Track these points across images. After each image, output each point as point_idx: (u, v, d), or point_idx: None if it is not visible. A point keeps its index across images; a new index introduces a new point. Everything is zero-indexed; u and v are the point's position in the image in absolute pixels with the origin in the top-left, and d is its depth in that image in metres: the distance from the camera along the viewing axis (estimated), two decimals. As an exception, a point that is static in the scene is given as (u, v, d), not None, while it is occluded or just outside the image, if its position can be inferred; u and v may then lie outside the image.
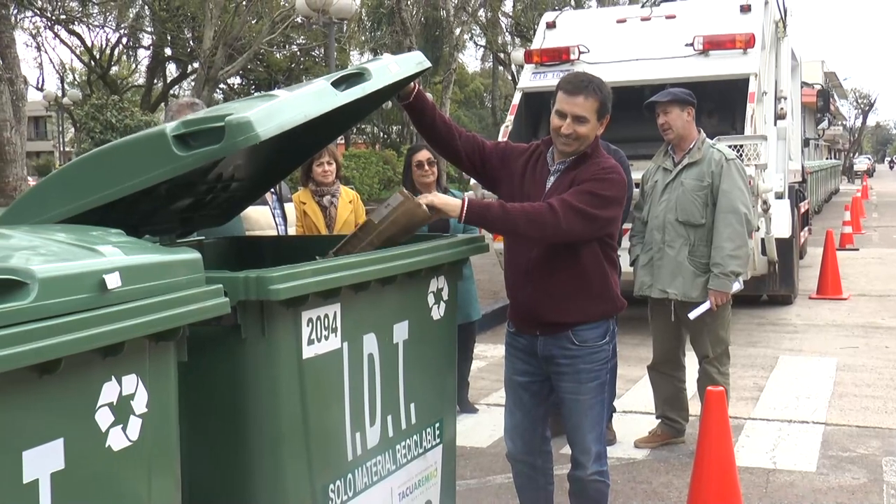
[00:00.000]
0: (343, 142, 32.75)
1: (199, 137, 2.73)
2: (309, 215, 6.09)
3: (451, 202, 3.64)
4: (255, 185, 3.98)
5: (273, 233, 5.62)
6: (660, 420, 5.93)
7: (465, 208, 3.60)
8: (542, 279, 3.80)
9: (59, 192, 2.86)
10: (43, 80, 50.54)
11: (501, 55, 41.55)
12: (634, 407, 6.73)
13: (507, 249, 3.97)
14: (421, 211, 3.58)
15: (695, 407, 5.86)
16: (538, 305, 3.83)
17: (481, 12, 38.04)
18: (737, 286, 5.46)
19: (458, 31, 35.31)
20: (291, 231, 5.87)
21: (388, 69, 3.48)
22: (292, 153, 3.94)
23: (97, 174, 2.83)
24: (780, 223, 9.70)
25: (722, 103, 9.72)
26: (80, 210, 2.79)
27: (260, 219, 5.56)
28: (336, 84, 3.17)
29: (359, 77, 3.28)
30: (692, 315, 5.45)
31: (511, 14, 41.13)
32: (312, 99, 3.06)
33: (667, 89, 5.73)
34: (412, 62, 3.66)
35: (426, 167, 6.14)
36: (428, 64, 3.75)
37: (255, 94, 3.48)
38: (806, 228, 14.80)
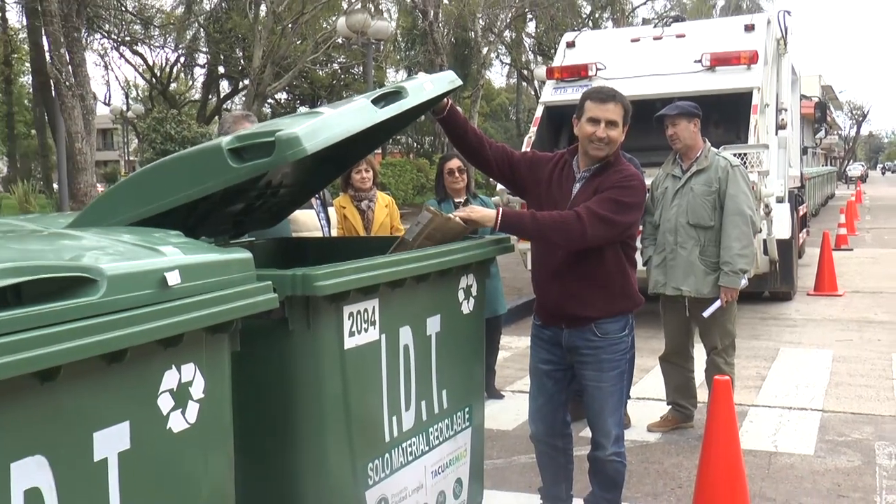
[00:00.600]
0: (380, 152, 32.81)
1: (251, 151, 2.75)
2: (349, 218, 6.11)
3: (487, 215, 3.66)
4: (301, 191, 3.99)
5: (318, 234, 5.64)
6: (671, 406, 5.89)
7: (500, 219, 3.64)
8: (569, 279, 3.80)
9: (127, 198, 2.88)
10: (110, 96, 51.27)
11: (525, 72, 41.48)
12: (647, 394, 6.69)
13: (535, 251, 3.97)
14: (453, 223, 3.61)
15: (702, 394, 5.82)
16: (565, 302, 3.84)
17: (507, 33, 38.01)
18: (743, 282, 5.44)
19: (485, 50, 35.26)
20: (333, 233, 5.89)
21: (423, 87, 3.47)
22: (335, 163, 3.94)
23: (161, 182, 2.85)
24: (781, 225, 9.62)
25: (727, 115, 9.64)
26: (146, 214, 2.82)
27: (307, 221, 5.58)
28: (375, 102, 3.17)
29: (396, 95, 3.28)
30: (706, 313, 5.45)
31: (534, 34, 41.03)
32: (354, 116, 3.06)
33: (674, 103, 5.69)
34: (445, 81, 3.66)
35: (456, 174, 6.18)
36: (459, 82, 3.74)
37: (302, 111, 3.49)
38: (804, 230, 14.66)
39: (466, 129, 3.89)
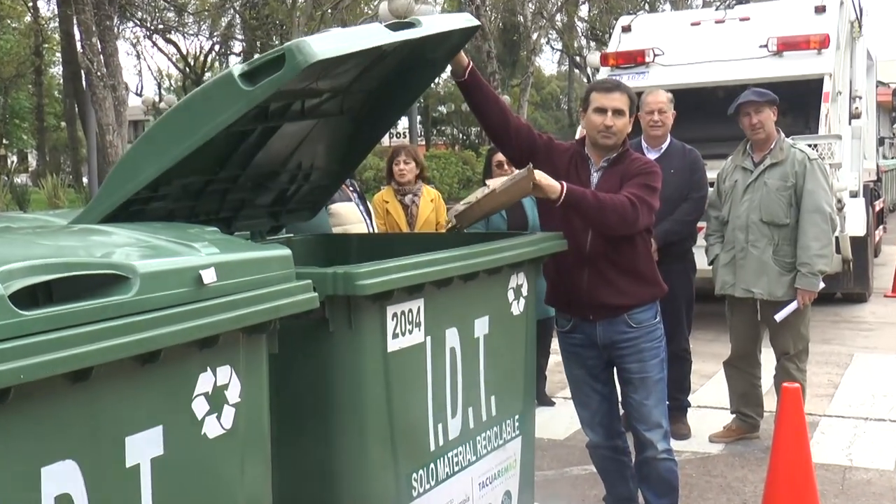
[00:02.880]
0: (424, 143, 32.88)
1: (262, 71, 2.74)
2: (391, 213, 6.14)
3: (553, 183, 3.63)
4: (334, 174, 4.01)
5: (361, 227, 5.66)
6: (735, 415, 5.83)
7: (565, 192, 3.62)
8: (603, 265, 3.87)
9: (147, 153, 2.88)
10: (142, 87, 51.63)
11: (577, 58, 41.33)
12: (709, 402, 6.62)
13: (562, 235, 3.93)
14: (529, 185, 3.61)
15: (770, 403, 5.74)
16: (595, 289, 3.89)
17: (558, 17, 37.85)
18: (820, 284, 5.38)
19: (535, 35, 35.13)
20: (377, 224, 5.94)
21: (436, 20, 3.52)
22: (363, 137, 3.94)
23: (178, 127, 2.84)
24: (855, 221, 9.49)
25: (796, 103, 9.51)
26: (168, 165, 2.81)
27: (349, 214, 5.62)
28: (389, 27, 3.20)
29: (410, 24, 3.31)
30: (779, 317, 5.38)
31: (587, 18, 40.84)
32: (366, 33, 3.09)
33: (752, 89, 5.60)
34: (461, 19, 3.69)
35: (506, 166, 6.12)
36: (476, 22, 3.76)
37: None
38: (881, 227, 14.42)
39: (489, 98, 3.90)
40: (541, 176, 3.61)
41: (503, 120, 3.93)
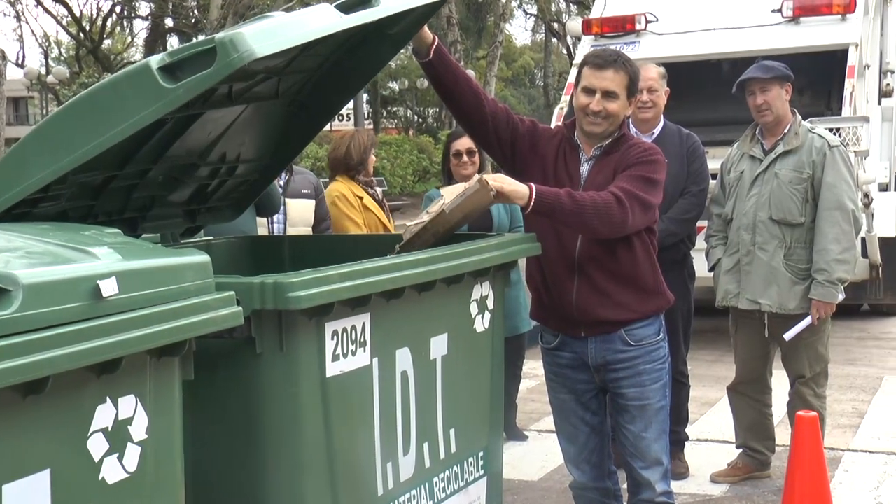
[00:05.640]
0: (371, 127, 32.85)
1: (187, 66, 2.75)
2: (371, 209, 6.12)
3: (519, 188, 3.62)
4: (266, 169, 4.00)
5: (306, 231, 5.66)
6: (741, 450, 5.88)
7: (534, 196, 3.61)
8: (596, 274, 3.88)
9: (39, 151, 2.88)
10: (24, 56, 51.09)
11: (555, 25, 41.52)
12: (710, 434, 6.69)
13: (546, 236, 3.93)
14: (488, 196, 3.59)
15: (782, 436, 5.81)
16: (588, 304, 3.90)
17: (531, -25, 38.04)
18: (840, 295, 5.40)
19: (504, -3, 35.32)
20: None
21: None
22: (303, 124, 3.94)
23: (79, 125, 2.85)
24: (885, 219, 9.61)
25: (815, 79, 9.65)
26: (66, 168, 2.81)
27: (306, 213, 5.59)
28: (341, 8, 3.19)
29: (366, 3, 3.30)
30: (788, 335, 5.37)
31: (566, -24, 41.09)
32: (314, 19, 3.10)
33: (759, 62, 5.63)
34: None
35: (465, 157, 6.10)
36: None
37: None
38: (916, 226, 14.62)
39: (459, 80, 3.92)
40: (500, 181, 3.59)
41: (477, 105, 3.94)
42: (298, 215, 6.10)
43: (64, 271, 2.21)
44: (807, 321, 5.36)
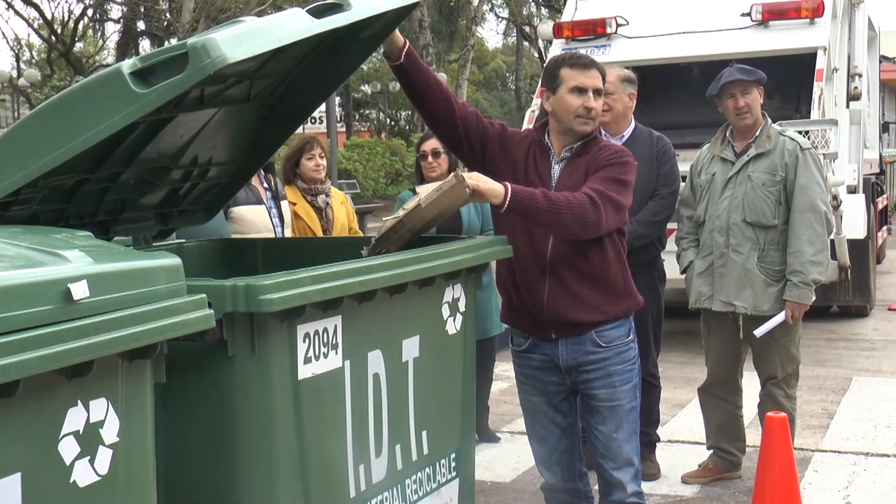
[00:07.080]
0: (344, 130, 32.78)
1: (159, 70, 2.76)
2: (302, 217, 6.04)
3: (494, 186, 3.60)
4: (237, 172, 4.00)
5: (269, 236, 5.60)
6: (712, 451, 5.90)
7: (510, 195, 3.60)
8: (566, 276, 3.91)
9: (10, 155, 2.87)
10: (-6, 58, 50.53)
11: (526, 29, 41.57)
12: (681, 436, 6.71)
13: (517, 238, 3.94)
14: (464, 192, 3.57)
15: (753, 436, 5.84)
16: (558, 305, 3.92)
17: (503, -22, 38.08)
18: (813, 296, 5.44)
19: (476, 1, 35.33)
20: (288, 233, 5.86)
21: (371, 1, 3.49)
22: (275, 127, 3.94)
23: (49, 130, 2.84)
24: (853, 222, 9.67)
25: (784, 82, 9.67)
26: (38, 172, 2.80)
27: (256, 220, 5.54)
28: (313, 13, 3.20)
29: (337, 7, 3.30)
30: (760, 332, 5.39)
31: (538, -20, 41.16)
32: (286, 24, 3.10)
33: (736, 66, 5.62)
34: None
35: (430, 158, 6.11)
36: None
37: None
38: (884, 228, 14.73)
39: (429, 83, 3.93)
40: (476, 179, 3.58)
41: (447, 108, 3.95)
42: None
43: (34, 274, 2.21)
44: (780, 317, 5.37)
